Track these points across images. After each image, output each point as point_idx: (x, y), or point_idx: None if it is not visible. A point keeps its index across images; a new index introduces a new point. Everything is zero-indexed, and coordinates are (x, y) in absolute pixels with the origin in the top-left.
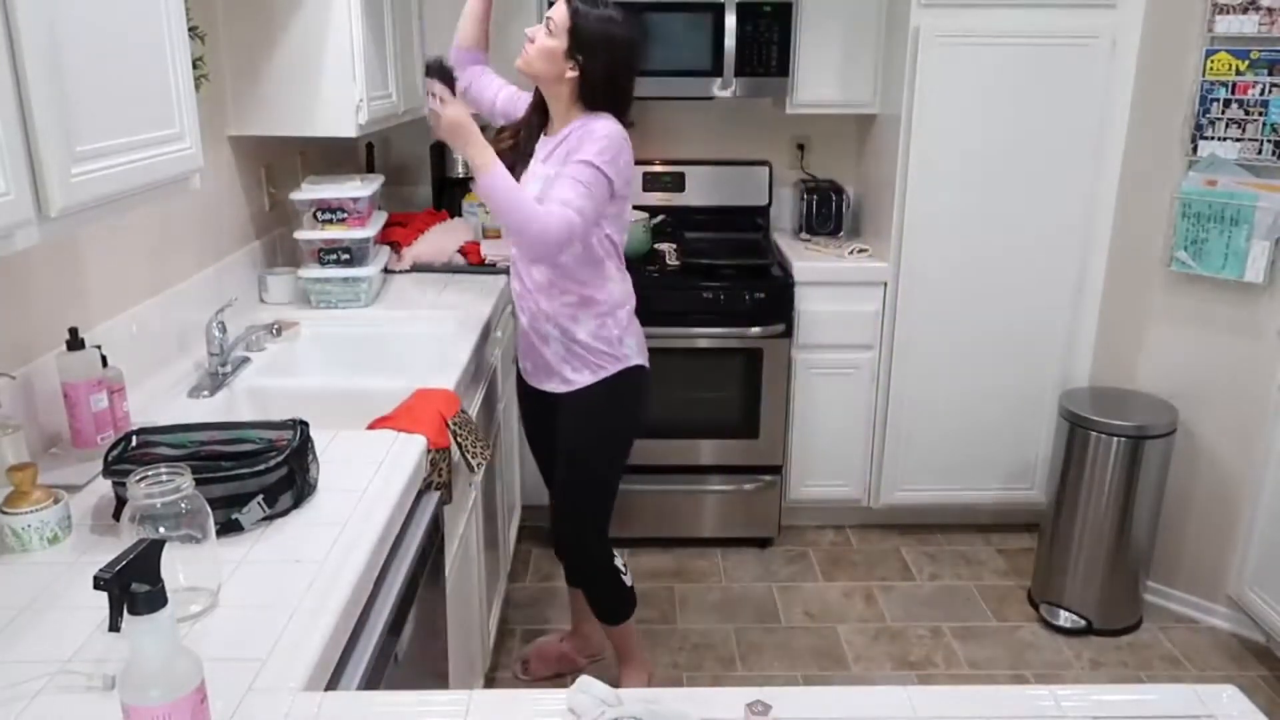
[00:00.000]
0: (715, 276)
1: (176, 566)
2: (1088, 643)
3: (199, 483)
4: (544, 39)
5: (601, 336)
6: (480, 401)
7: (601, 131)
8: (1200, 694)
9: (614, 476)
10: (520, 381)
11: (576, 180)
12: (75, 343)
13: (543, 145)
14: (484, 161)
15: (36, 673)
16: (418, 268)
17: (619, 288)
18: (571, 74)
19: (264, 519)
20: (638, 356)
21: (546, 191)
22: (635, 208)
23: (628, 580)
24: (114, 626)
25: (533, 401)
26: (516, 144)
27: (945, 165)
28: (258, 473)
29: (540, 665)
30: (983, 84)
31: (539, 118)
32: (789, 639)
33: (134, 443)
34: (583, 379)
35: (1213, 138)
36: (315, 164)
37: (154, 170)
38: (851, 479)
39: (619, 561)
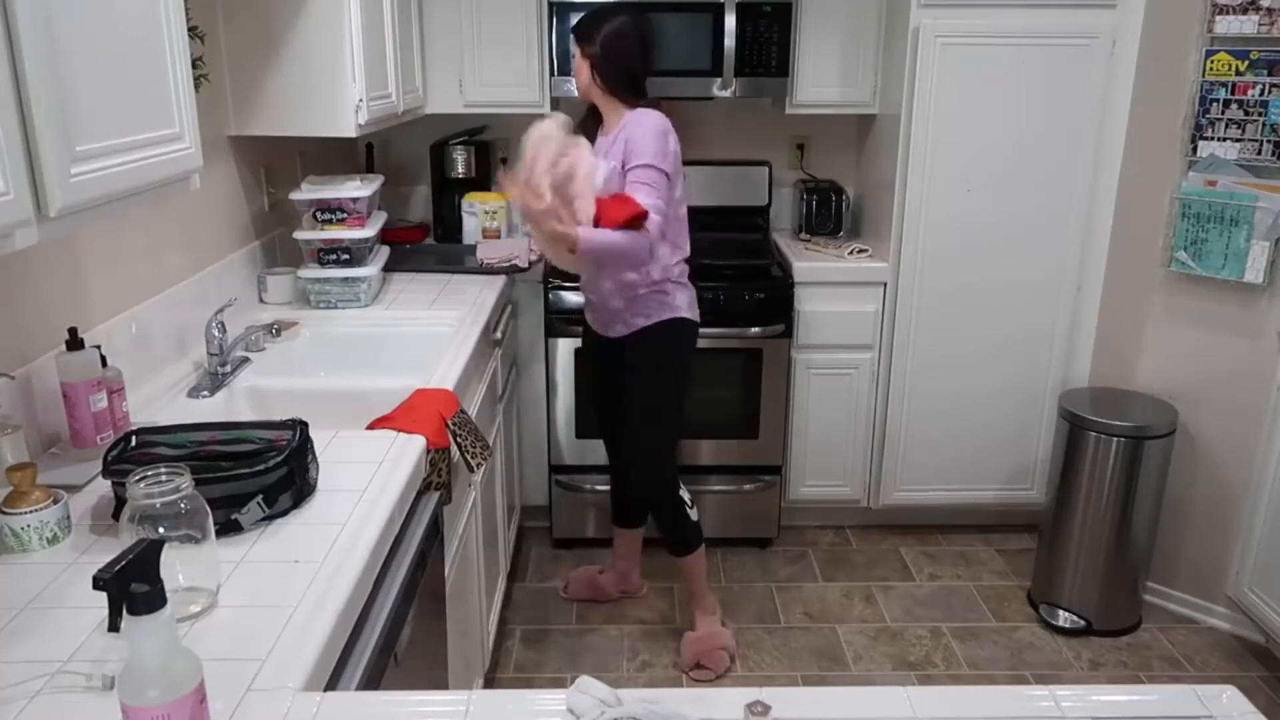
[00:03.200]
0: (715, 276)
1: (176, 567)
2: (1087, 643)
3: (198, 483)
4: (577, 65)
5: (656, 291)
6: (480, 402)
7: (649, 130)
8: (1200, 695)
9: (674, 414)
10: (588, 333)
11: (647, 185)
12: (75, 343)
13: (600, 144)
14: (573, 238)
15: (36, 673)
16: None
17: (668, 253)
18: (593, 74)
19: (263, 519)
20: (686, 311)
21: (608, 186)
22: None
23: (693, 515)
24: (113, 626)
25: (600, 349)
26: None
27: (945, 165)
28: (257, 473)
29: (577, 588)
30: (983, 84)
31: (593, 123)
32: (788, 639)
33: (133, 443)
34: (640, 322)
35: (1213, 138)
36: (315, 164)
37: (154, 170)
38: (851, 479)
39: (685, 494)
